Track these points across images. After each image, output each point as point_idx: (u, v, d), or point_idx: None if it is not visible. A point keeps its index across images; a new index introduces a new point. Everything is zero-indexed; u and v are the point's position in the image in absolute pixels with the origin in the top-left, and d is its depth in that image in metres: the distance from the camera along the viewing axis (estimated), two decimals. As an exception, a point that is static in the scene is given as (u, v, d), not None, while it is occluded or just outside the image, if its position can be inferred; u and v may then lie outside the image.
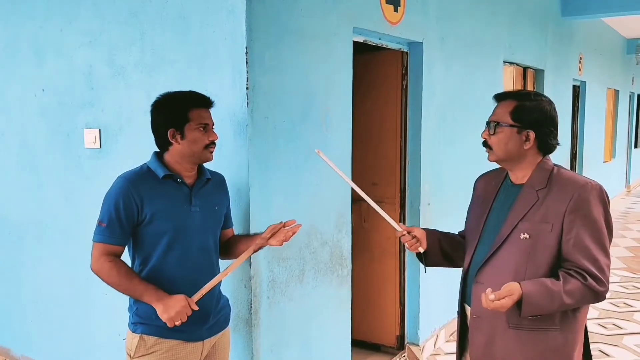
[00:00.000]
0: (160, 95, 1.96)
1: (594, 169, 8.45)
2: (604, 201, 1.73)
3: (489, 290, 1.64)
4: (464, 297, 1.93)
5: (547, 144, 1.80)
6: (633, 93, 12.05)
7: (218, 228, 2.09)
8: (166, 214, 1.89)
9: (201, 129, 1.91)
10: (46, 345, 3.30)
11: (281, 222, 2.03)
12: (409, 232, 1.98)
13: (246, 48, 2.25)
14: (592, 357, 1.89)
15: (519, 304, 1.64)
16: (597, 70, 8.41)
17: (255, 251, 2.03)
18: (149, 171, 1.93)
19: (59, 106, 3.01)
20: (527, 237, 1.73)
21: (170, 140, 1.90)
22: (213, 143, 1.96)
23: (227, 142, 2.34)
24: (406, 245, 2.00)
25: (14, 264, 3.42)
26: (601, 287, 1.69)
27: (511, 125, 1.77)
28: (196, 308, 1.85)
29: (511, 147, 1.78)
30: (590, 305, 1.85)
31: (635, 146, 13.06)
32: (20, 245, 3.35)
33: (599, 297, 1.71)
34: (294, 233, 2.03)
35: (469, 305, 1.89)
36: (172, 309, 1.82)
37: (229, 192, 2.35)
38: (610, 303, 4.94)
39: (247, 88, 2.27)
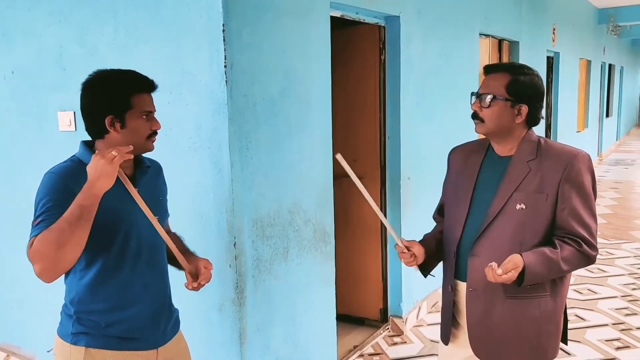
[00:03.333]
0: (94, 73, 1.68)
1: (567, 139, 8.60)
2: (592, 169, 1.81)
3: (494, 264, 1.65)
4: (456, 272, 1.91)
5: (535, 118, 1.83)
6: (604, 63, 12.23)
7: (165, 219, 1.86)
8: (108, 211, 1.58)
9: (144, 117, 1.66)
10: (28, 333, 3.27)
11: (207, 262, 1.78)
12: (408, 249, 1.92)
13: (223, 25, 2.21)
14: (568, 319, 1.97)
15: (519, 274, 1.68)
16: (570, 41, 8.49)
17: (181, 260, 1.73)
18: (80, 164, 1.64)
19: (30, 89, 2.93)
20: (524, 207, 1.75)
21: (108, 128, 1.63)
22: (155, 132, 1.70)
23: (206, 122, 2.31)
24: (402, 260, 1.95)
25: (-10, 251, 3.35)
26: (593, 251, 1.79)
27: (506, 99, 1.77)
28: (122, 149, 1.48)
29: (504, 120, 1.78)
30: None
31: (607, 115, 13.32)
32: (-3, 232, 3.29)
33: (590, 260, 1.80)
34: (205, 282, 1.74)
35: (462, 281, 1.89)
36: (93, 173, 1.46)
37: (210, 173, 2.34)
38: (585, 269, 5.08)
39: (225, 66, 2.23)
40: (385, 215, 3.74)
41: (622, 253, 5.66)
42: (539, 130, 7.38)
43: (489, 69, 1.85)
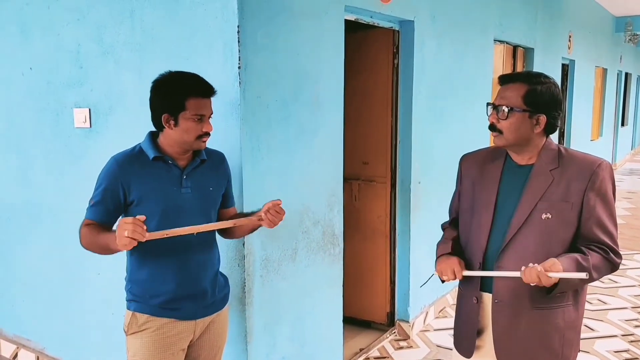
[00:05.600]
0: (163, 74, 1.89)
1: (581, 147, 8.50)
2: (613, 177, 1.80)
3: (532, 265, 1.63)
4: (481, 285, 1.87)
5: (553, 127, 1.80)
6: (621, 71, 12.11)
7: (213, 209, 2.03)
8: (154, 195, 1.86)
9: (196, 119, 1.84)
10: (38, 325, 3.31)
11: (278, 200, 1.95)
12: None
13: (238, 27, 2.23)
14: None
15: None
16: (586, 48, 8.42)
17: (247, 224, 1.96)
18: (140, 152, 1.90)
19: (47, 85, 2.97)
20: (550, 216, 1.74)
21: (164, 124, 1.86)
22: (207, 134, 1.90)
23: (219, 122, 2.32)
24: (445, 278, 1.88)
25: (3, 244, 3.40)
26: (619, 258, 1.78)
27: (524, 110, 1.74)
28: (142, 218, 1.66)
29: (522, 131, 1.75)
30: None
31: (622, 124, 13.18)
32: (10, 225, 3.34)
33: (615, 268, 1.80)
34: (279, 214, 1.92)
35: (488, 292, 1.85)
36: (119, 240, 1.66)
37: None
38: (596, 279, 5.04)
39: (239, 67, 2.25)
40: (395, 219, 3.74)
41: (633, 264, 5.60)
42: (553, 137, 7.31)
43: (504, 79, 1.81)
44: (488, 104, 1.81)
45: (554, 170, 1.77)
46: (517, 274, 1.69)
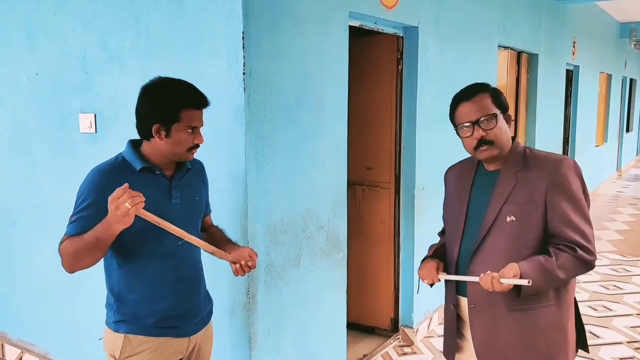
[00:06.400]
0: (154, 80, 1.78)
1: (586, 153, 8.52)
2: (580, 174, 1.79)
3: (488, 273, 1.66)
4: (457, 289, 1.92)
5: (511, 123, 1.87)
6: (626, 77, 12.09)
7: (200, 218, 1.97)
8: (145, 209, 1.64)
9: (189, 130, 1.74)
10: (42, 329, 3.32)
11: (252, 251, 1.87)
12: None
13: (243, 33, 2.24)
14: (585, 328, 1.95)
15: (516, 285, 1.68)
16: (591, 54, 8.42)
17: (211, 252, 1.82)
18: (124, 162, 1.77)
19: (52, 90, 2.99)
20: (514, 219, 1.76)
21: (154, 134, 1.73)
22: (197, 146, 1.80)
23: (223, 128, 2.34)
24: (426, 282, 1.92)
25: (7, 248, 3.42)
26: (590, 256, 1.75)
27: (501, 112, 1.81)
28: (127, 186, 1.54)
29: (506, 135, 1.81)
30: (581, 288, 1.90)
31: (627, 130, 13.15)
32: (14, 229, 3.35)
33: (589, 266, 1.77)
34: (250, 269, 1.85)
35: (463, 296, 1.89)
36: (111, 218, 1.55)
37: (225, 178, 2.37)
38: (601, 285, 5.02)
39: (244, 73, 2.26)
40: (399, 224, 3.74)
41: (639, 270, 5.57)
42: (557, 143, 7.34)
43: (466, 96, 1.84)
44: (458, 126, 1.85)
45: (518, 173, 1.80)
46: (477, 279, 1.73)
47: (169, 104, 1.72)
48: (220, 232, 2.05)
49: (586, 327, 4.09)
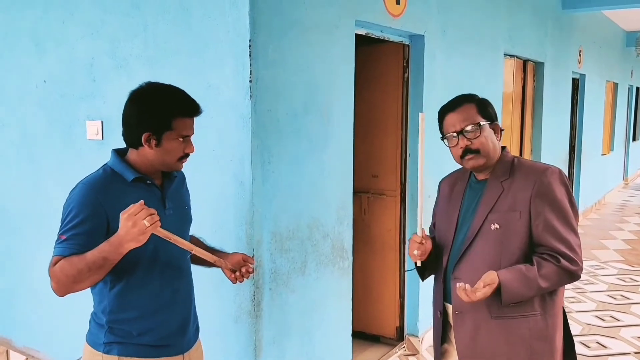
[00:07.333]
0: (143, 85, 1.68)
1: (592, 162, 8.48)
2: (565, 183, 1.79)
3: (462, 284, 1.67)
4: (445, 295, 1.94)
5: (500, 133, 1.88)
6: (632, 86, 12.07)
7: (189, 227, 1.89)
8: None
9: (181, 139, 1.66)
10: (47, 336, 3.32)
11: (245, 255, 1.86)
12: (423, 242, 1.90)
13: (250, 41, 2.25)
14: (574, 340, 1.92)
15: (499, 293, 1.68)
16: (597, 63, 8.41)
17: (213, 262, 1.78)
18: (113, 174, 1.67)
19: (60, 97, 3.01)
20: (498, 227, 1.77)
21: (144, 143, 1.64)
22: (187, 155, 1.71)
23: (229, 135, 2.35)
24: (416, 252, 1.90)
25: (14, 254, 3.43)
26: (574, 266, 1.74)
27: (486, 122, 1.82)
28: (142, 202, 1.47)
29: (492, 144, 1.83)
30: (588, 298, 1.89)
31: (634, 139, 13.10)
32: (20, 236, 3.36)
33: (573, 276, 1.76)
34: (248, 274, 1.83)
35: (449, 303, 1.91)
36: (124, 235, 1.47)
37: (231, 185, 2.37)
38: (608, 295, 4.98)
39: (250, 81, 2.27)
40: (404, 232, 3.72)
41: (646, 280, 5.53)
42: (563, 152, 7.31)
43: (452, 106, 1.85)
44: (444, 137, 1.87)
45: (504, 182, 1.81)
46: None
47: (160, 111, 1.63)
48: (201, 242, 1.97)
49: (594, 338, 4.08)
